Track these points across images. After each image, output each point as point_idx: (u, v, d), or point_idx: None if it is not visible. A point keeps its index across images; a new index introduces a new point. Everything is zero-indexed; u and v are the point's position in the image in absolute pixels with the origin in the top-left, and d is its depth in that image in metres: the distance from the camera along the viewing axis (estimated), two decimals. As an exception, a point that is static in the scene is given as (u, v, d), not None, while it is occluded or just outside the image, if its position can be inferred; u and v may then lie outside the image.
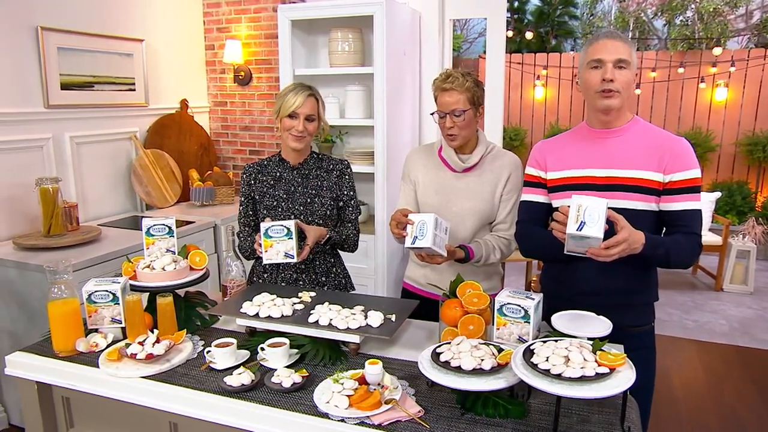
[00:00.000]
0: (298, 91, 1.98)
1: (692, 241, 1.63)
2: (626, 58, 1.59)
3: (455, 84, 1.86)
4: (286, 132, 2.00)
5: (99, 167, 3.43)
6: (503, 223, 2.00)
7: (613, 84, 1.59)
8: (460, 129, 1.90)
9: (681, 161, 1.62)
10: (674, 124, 6.81)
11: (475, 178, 2.00)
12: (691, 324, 4.31)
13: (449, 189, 2.01)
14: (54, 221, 2.83)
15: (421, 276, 2.11)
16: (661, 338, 4.01)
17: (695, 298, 4.88)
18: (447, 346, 1.41)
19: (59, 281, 1.60)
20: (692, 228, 1.63)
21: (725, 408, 3.09)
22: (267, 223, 1.86)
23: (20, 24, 2.95)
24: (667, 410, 3.06)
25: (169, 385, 1.44)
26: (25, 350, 1.66)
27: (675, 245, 1.60)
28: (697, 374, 3.52)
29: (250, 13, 4.04)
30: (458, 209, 1.99)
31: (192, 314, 1.82)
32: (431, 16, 3.75)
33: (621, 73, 1.60)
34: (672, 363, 3.67)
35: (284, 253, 1.85)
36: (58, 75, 3.14)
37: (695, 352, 3.85)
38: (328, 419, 1.27)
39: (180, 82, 4.02)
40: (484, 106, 1.98)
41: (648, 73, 6.80)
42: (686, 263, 1.66)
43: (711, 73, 6.56)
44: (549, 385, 1.18)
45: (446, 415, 1.29)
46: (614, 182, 1.65)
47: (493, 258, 1.96)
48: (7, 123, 2.91)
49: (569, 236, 1.46)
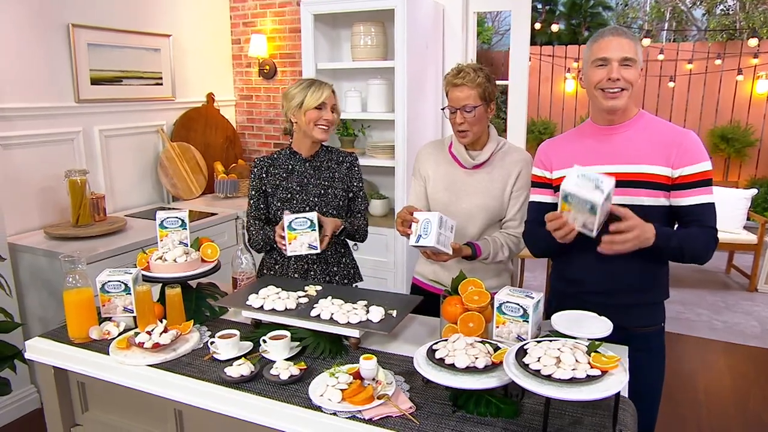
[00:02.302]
0: (320, 85, 2.04)
1: (707, 234, 1.59)
2: (632, 56, 1.56)
3: (466, 79, 1.85)
4: (311, 124, 2.03)
5: (127, 159, 3.54)
6: (513, 220, 1.98)
7: (619, 83, 1.56)
8: (471, 125, 1.88)
9: (689, 155, 1.58)
10: (711, 118, 6.58)
11: (485, 174, 1.98)
12: (720, 325, 4.18)
13: (459, 185, 2.00)
14: (82, 212, 2.94)
15: (430, 272, 2.11)
16: (687, 339, 3.92)
17: (727, 299, 4.72)
18: (443, 343, 1.42)
19: (74, 271, 1.66)
20: (707, 221, 1.59)
21: (750, 414, 2.99)
22: (290, 215, 1.90)
23: (52, 22, 3.05)
24: (688, 413, 2.98)
25: (172, 373, 1.49)
26: (44, 336, 1.73)
27: (688, 237, 1.57)
28: (723, 377, 3.42)
29: (275, 8, 4.08)
30: (467, 206, 1.98)
31: (202, 305, 1.86)
32: (455, 9, 3.71)
33: (627, 72, 1.57)
34: (697, 365, 3.57)
35: (308, 245, 1.89)
36: (88, 70, 3.24)
37: (722, 354, 3.74)
38: (321, 412, 1.29)
39: (206, 76, 4.09)
40: (495, 102, 1.95)
41: (684, 65, 6.58)
42: (702, 257, 1.61)
43: (752, 65, 6.30)
44: (538, 386, 1.17)
45: (438, 412, 1.30)
46: (621, 178, 1.61)
47: (501, 255, 1.95)
48: (40, 117, 3.03)
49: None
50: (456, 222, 1.84)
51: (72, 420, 1.77)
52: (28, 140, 2.97)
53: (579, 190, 1.45)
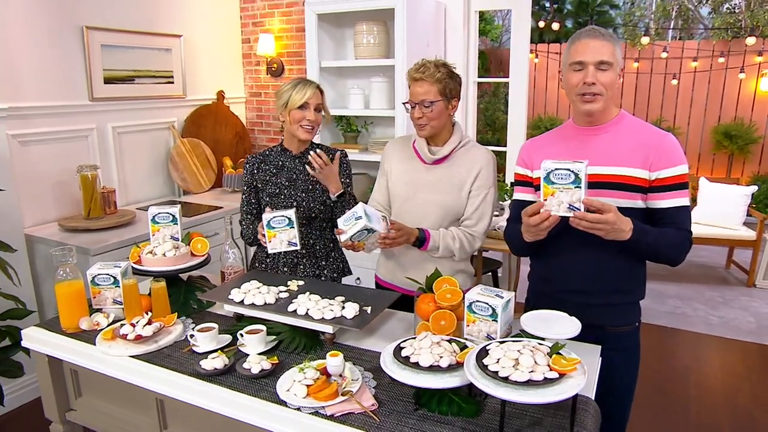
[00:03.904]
0: (305, 84, 2.00)
1: (682, 236, 1.53)
2: (608, 59, 1.48)
3: (426, 74, 1.79)
4: (296, 124, 2.00)
5: (139, 155, 3.55)
6: (469, 219, 1.90)
7: (594, 87, 1.49)
8: (429, 119, 1.82)
9: (667, 158, 1.52)
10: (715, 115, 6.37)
11: (444, 170, 1.91)
12: (716, 320, 4.06)
13: (417, 180, 1.94)
14: (93, 205, 2.96)
15: (386, 272, 2.06)
16: (683, 333, 3.82)
17: (725, 294, 4.59)
18: (411, 341, 1.38)
19: (65, 264, 1.66)
20: (681, 224, 1.53)
21: (740, 410, 2.90)
22: (268, 214, 1.86)
23: (67, 24, 3.06)
24: (678, 407, 2.90)
25: (151, 365, 1.48)
26: (39, 326, 1.74)
27: (663, 236, 1.52)
28: (715, 372, 3.32)
29: (283, 8, 4.04)
30: (422, 201, 1.92)
31: (191, 298, 1.85)
32: (456, 7, 3.63)
33: (603, 75, 1.49)
34: (690, 360, 3.47)
35: (287, 242, 1.86)
36: (102, 70, 3.25)
37: (716, 349, 3.63)
38: (285, 407, 1.27)
39: (216, 74, 4.08)
40: (458, 99, 1.87)
41: (689, 62, 6.37)
42: (676, 257, 1.55)
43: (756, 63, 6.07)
44: (494, 387, 1.12)
45: (399, 409, 1.26)
46: (599, 179, 1.55)
47: (453, 249, 1.87)
48: (56, 115, 3.05)
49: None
50: (412, 217, 1.85)
51: (67, 405, 1.78)
52: (45, 137, 3.00)
53: (560, 164, 1.40)
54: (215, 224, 3.29)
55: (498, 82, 8.50)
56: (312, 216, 2.08)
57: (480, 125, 8.83)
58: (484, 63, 9.16)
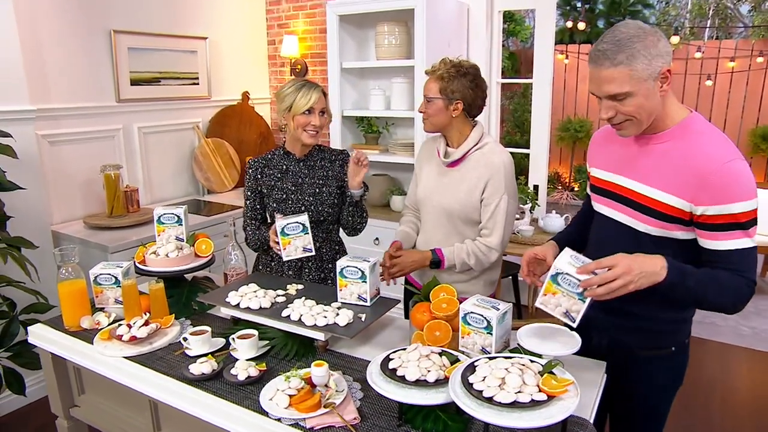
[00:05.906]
0: (309, 88, 1.91)
1: (739, 282, 1.22)
2: (620, 91, 1.21)
3: (434, 71, 1.80)
4: (300, 128, 1.93)
5: (164, 155, 3.57)
6: (485, 228, 1.80)
7: (615, 118, 1.27)
8: (429, 115, 1.81)
9: (719, 192, 1.20)
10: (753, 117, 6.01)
11: (456, 174, 1.84)
12: (747, 331, 3.81)
13: (433, 183, 1.88)
14: (116, 203, 2.99)
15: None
16: (711, 344, 3.60)
17: (758, 304, 4.31)
18: (400, 353, 1.30)
19: (67, 263, 1.65)
20: (740, 269, 1.23)
21: (764, 425, 2.69)
22: (281, 220, 1.78)
23: (95, 28, 3.10)
24: (698, 422, 2.72)
25: (143, 367, 1.45)
26: (44, 323, 1.74)
27: (712, 280, 1.22)
28: (742, 386, 3.11)
29: (306, 9, 4.01)
30: (435, 204, 1.87)
31: (193, 299, 1.82)
32: (479, 8, 3.52)
33: (623, 105, 1.24)
34: (717, 372, 3.26)
35: (302, 248, 1.80)
36: (128, 72, 3.28)
37: (745, 361, 3.40)
38: (266, 417, 1.21)
39: (241, 75, 4.08)
40: (462, 102, 1.77)
41: (726, 62, 6.03)
42: (728, 306, 1.26)
43: (799, 62, 5.71)
44: (477, 408, 1.04)
45: (383, 425, 1.19)
46: (633, 197, 1.34)
47: (470, 264, 1.79)
48: (84, 116, 3.10)
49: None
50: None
51: (71, 401, 1.78)
52: (73, 137, 3.05)
53: (572, 270, 1.23)
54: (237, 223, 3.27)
55: (527, 83, 8.27)
56: (320, 219, 2.02)
57: (509, 126, 8.63)
58: (514, 64, 8.93)
